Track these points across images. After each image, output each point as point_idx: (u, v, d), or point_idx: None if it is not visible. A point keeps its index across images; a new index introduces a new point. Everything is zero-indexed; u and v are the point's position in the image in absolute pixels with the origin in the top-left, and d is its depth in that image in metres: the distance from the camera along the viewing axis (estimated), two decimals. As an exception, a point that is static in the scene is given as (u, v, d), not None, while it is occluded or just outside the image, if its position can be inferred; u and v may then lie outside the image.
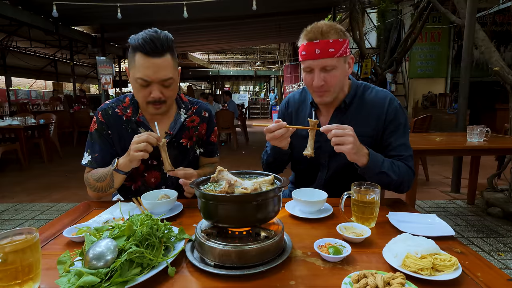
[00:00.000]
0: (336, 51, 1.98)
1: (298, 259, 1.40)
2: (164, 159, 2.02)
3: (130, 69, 2.09)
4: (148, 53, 1.97)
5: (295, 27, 14.89)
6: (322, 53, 1.98)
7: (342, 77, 2.09)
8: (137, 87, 2.09)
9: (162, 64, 2.01)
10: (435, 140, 4.89)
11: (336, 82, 2.06)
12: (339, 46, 1.99)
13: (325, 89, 2.07)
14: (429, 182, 7.39)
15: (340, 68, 2.05)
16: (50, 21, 12.01)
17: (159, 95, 2.07)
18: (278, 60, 32.95)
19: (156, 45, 1.96)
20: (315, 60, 2.02)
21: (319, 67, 2.03)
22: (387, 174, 1.98)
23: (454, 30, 14.70)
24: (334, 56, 1.99)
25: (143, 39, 1.96)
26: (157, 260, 1.29)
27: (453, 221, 5.19)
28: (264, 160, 2.43)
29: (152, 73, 2.00)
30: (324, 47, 1.97)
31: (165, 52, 2.02)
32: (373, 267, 1.31)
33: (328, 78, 2.04)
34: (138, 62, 2.00)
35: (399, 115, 2.16)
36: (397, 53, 12.78)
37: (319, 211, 1.89)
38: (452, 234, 1.58)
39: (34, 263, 1.17)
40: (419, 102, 14.56)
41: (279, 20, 13.46)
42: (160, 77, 2.03)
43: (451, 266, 1.24)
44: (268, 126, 1.96)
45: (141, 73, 2.00)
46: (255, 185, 1.37)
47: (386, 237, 1.53)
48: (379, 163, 1.97)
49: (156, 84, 2.05)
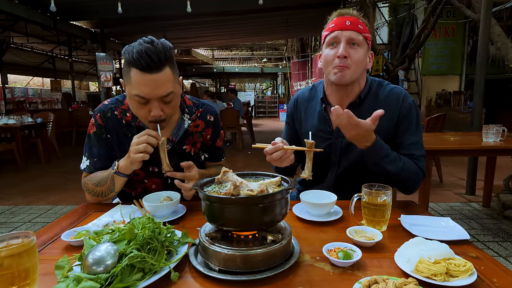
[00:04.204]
0: (363, 30, 2.08)
1: (306, 264, 1.40)
2: (162, 159, 1.99)
3: (126, 84, 2.00)
4: (144, 69, 1.86)
5: (303, 22, 14.92)
6: (352, 25, 2.06)
7: (364, 62, 2.13)
8: (135, 105, 2.01)
9: (160, 80, 1.91)
10: (449, 140, 4.87)
11: (357, 61, 2.09)
12: (366, 30, 2.09)
13: (347, 63, 2.07)
14: (443, 183, 7.37)
15: (363, 51, 2.10)
16: (47, 16, 12.08)
17: (160, 113, 1.98)
18: (285, 57, 33.03)
19: (152, 59, 1.85)
20: (344, 31, 2.07)
21: (346, 38, 2.07)
22: (384, 166, 2.01)
23: (469, 25, 14.64)
24: (361, 32, 2.07)
25: (138, 53, 1.85)
26: (159, 265, 1.29)
27: (468, 224, 5.16)
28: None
29: (150, 91, 1.91)
30: (355, 21, 2.08)
31: (163, 66, 1.91)
32: (385, 272, 1.31)
33: (352, 53, 2.07)
34: (134, 78, 1.90)
35: (412, 112, 2.16)
36: (409, 49, 12.77)
37: (328, 214, 1.88)
38: (467, 238, 1.57)
39: (31, 268, 1.17)
40: (433, 100, 14.53)
41: (286, 14, 13.47)
42: (159, 94, 1.93)
43: (466, 271, 1.23)
44: (265, 149, 1.94)
45: (138, 90, 1.91)
46: (262, 187, 1.36)
47: (398, 241, 1.52)
48: (380, 154, 1.99)
49: (155, 101, 1.96)
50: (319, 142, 2.24)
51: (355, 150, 2.02)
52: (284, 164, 2.00)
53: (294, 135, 2.54)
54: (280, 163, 1.98)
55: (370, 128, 1.84)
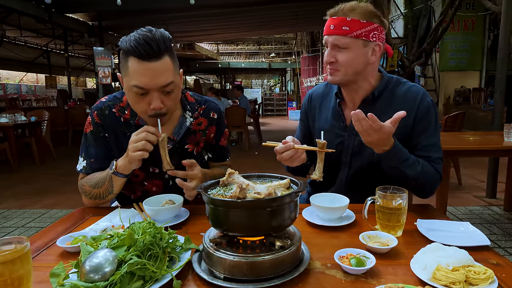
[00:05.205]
0: (350, 30, 2.06)
1: (317, 271, 1.40)
2: (163, 157, 1.97)
3: (124, 76, 2.00)
4: (142, 57, 1.86)
5: (312, 14, 14.86)
6: (334, 29, 2.10)
7: (357, 61, 2.13)
8: (133, 97, 1.99)
9: (160, 68, 1.91)
10: (468, 139, 4.86)
11: (346, 63, 2.12)
12: (357, 26, 2.06)
13: (334, 67, 2.16)
14: (462, 186, 7.34)
15: (354, 50, 2.11)
16: (42, 8, 12.10)
17: (160, 105, 1.96)
18: (294, 51, 32.92)
19: (151, 46, 1.85)
20: (328, 36, 2.15)
21: (331, 44, 2.13)
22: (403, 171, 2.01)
23: (490, 18, 14.59)
24: (346, 35, 2.07)
25: (136, 40, 1.86)
26: (161, 273, 1.29)
27: (488, 229, 5.15)
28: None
29: (149, 80, 1.90)
30: (338, 24, 2.08)
31: (162, 54, 1.91)
32: (400, 280, 1.31)
33: (339, 57, 2.13)
34: (132, 68, 1.90)
35: (431, 112, 2.16)
36: (426, 43, 12.74)
37: (340, 218, 1.88)
38: (488, 243, 1.57)
39: (25, 276, 1.17)
40: (451, 98, 14.46)
41: (295, 6, 13.46)
42: (159, 84, 1.92)
43: (486, 279, 1.23)
44: (276, 148, 1.96)
45: (137, 80, 1.90)
46: (269, 190, 1.36)
47: (414, 247, 1.52)
48: (400, 158, 1.99)
49: (155, 92, 1.95)
50: (331, 139, 2.26)
51: (368, 149, 2.02)
52: (295, 163, 2.03)
53: (307, 133, 2.57)
54: (290, 162, 2.01)
55: (391, 131, 1.84)
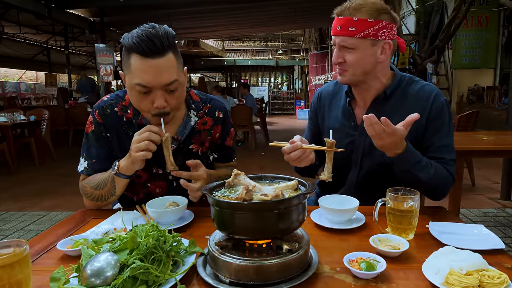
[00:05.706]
0: (357, 31, 2.05)
1: (326, 275, 1.40)
2: (166, 157, 1.96)
3: (126, 74, 2.00)
4: (145, 54, 1.86)
5: (321, 10, 14.85)
6: (341, 30, 2.10)
7: (365, 61, 2.14)
8: (136, 96, 2.00)
9: (163, 66, 1.91)
10: (482, 139, 4.84)
11: (354, 64, 2.14)
12: (364, 26, 2.05)
13: (343, 67, 2.19)
14: (476, 187, 7.31)
15: (362, 50, 2.11)
16: (42, 3, 12.16)
17: (163, 104, 1.96)
18: (302, 48, 32.86)
19: (154, 43, 1.85)
20: (335, 36, 2.17)
21: (338, 44, 2.16)
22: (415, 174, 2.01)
23: (504, 14, 14.51)
24: (353, 35, 2.07)
25: (138, 37, 1.85)
26: (165, 277, 1.29)
27: (503, 232, 5.13)
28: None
29: (152, 78, 1.90)
30: (345, 24, 2.08)
31: (166, 51, 1.91)
32: (411, 285, 1.31)
33: (347, 57, 2.14)
34: (135, 65, 1.90)
35: (444, 112, 2.16)
36: (438, 40, 12.71)
37: (350, 221, 1.88)
38: (502, 247, 1.57)
39: (24, 280, 1.17)
40: (464, 96, 14.44)
41: (303, 2, 13.43)
42: (162, 82, 1.92)
43: (500, 283, 1.23)
44: (283, 148, 1.96)
45: (139, 78, 1.91)
46: (277, 191, 1.36)
47: (426, 250, 1.52)
48: (412, 161, 1.98)
49: (158, 90, 1.95)
50: (342, 138, 2.26)
51: (379, 150, 2.01)
52: (303, 164, 2.03)
53: (316, 132, 2.58)
54: (298, 163, 2.01)
55: (404, 134, 1.84)
